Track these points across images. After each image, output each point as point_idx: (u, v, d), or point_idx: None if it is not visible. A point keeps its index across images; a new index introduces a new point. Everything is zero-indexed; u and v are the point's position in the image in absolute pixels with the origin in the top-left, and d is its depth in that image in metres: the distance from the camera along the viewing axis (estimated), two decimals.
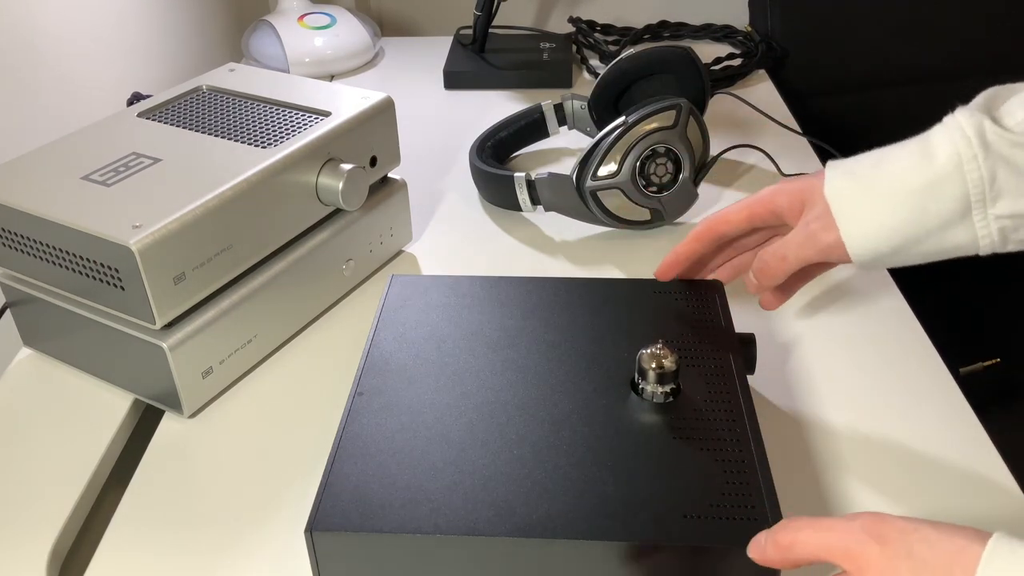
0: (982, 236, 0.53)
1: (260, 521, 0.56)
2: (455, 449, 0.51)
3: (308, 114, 0.71)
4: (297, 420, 0.64)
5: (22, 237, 0.61)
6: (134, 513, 0.57)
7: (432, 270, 0.80)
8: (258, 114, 0.71)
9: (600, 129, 0.81)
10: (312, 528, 0.47)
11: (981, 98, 0.55)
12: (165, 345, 0.60)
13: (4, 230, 0.62)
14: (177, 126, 0.70)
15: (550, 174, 0.81)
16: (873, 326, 0.71)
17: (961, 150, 0.52)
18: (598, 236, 0.84)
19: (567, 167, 0.91)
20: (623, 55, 0.89)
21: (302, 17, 1.19)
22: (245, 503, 0.58)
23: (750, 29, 1.28)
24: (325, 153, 0.69)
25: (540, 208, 0.84)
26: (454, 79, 1.16)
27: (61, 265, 0.60)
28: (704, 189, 0.88)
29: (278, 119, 0.70)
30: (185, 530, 0.56)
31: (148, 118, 0.71)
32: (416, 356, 0.58)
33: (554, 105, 0.96)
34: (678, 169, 0.79)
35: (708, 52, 1.17)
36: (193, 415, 0.64)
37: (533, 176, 0.82)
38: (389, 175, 0.78)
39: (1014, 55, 1.18)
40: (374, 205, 0.76)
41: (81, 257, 0.59)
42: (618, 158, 0.77)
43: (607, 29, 1.29)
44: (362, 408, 0.54)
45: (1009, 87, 0.55)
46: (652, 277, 0.65)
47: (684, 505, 0.47)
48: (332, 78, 1.20)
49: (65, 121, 0.88)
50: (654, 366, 0.53)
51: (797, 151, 0.97)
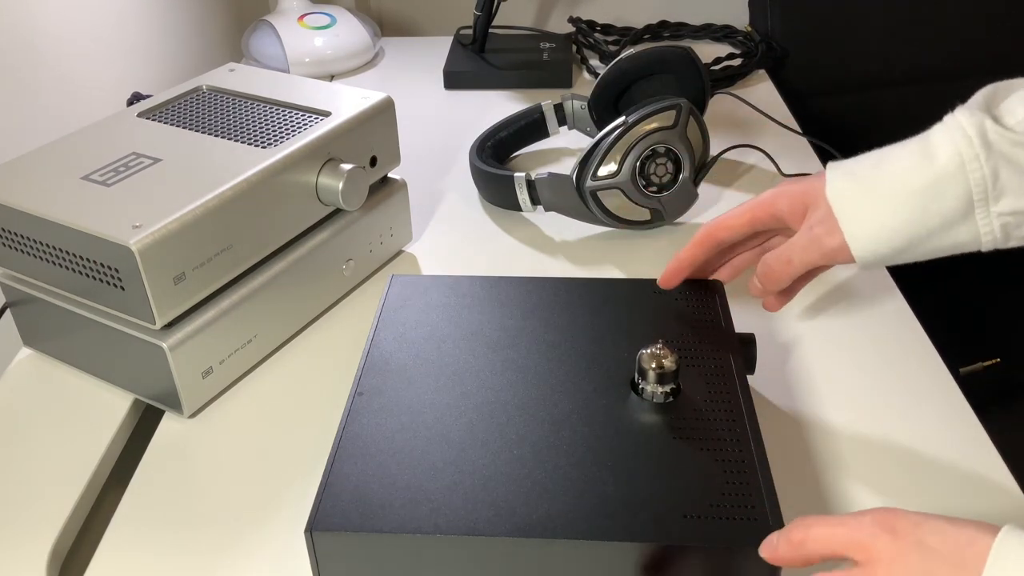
0: (984, 234, 0.53)
1: (260, 521, 0.56)
2: (455, 449, 0.51)
3: (308, 114, 0.71)
4: (297, 420, 0.64)
5: (22, 237, 0.61)
6: (134, 513, 0.57)
7: (432, 270, 0.80)
8: (258, 114, 0.71)
9: (600, 129, 0.81)
10: (312, 528, 0.47)
11: (980, 96, 0.55)
12: (165, 345, 0.60)
13: (4, 230, 0.62)
14: (177, 126, 0.70)
15: (550, 174, 0.81)
16: (873, 326, 0.71)
17: (963, 150, 0.52)
18: (598, 236, 0.84)
19: (567, 167, 0.91)
20: (623, 55, 0.89)
21: (302, 17, 1.19)
22: (245, 503, 0.58)
23: (750, 29, 1.28)
24: (325, 153, 0.69)
25: (540, 208, 0.84)
26: (454, 79, 1.16)
27: (61, 265, 0.60)
28: (704, 189, 0.88)
29: (278, 119, 0.70)
30: (185, 530, 0.56)
31: (148, 118, 0.71)
32: (416, 356, 0.58)
33: (554, 105, 0.96)
34: (678, 169, 0.79)
35: (708, 52, 1.17)
36: (193, 415, 0.64)
37: (533, 176, 0.82)
38: (389, 175, 0.78)
39: (1014, 55, 1.18)
40: (374, 205, 0.76)
41: (81, 257, 0.59)
42: (618, 158, 0.77)
43: (607, 29, 1.29)
44: (362, 408, 0.54)
45: (1007, 84, 0.55)
46: (652, 277, 0.65)
47: (684, 505, 0.47)
48: (332, 78, 1.20)
49: (65, 121, 0.88)
50: (654, 366, 0.53)
51: (797, 151, 0.97)
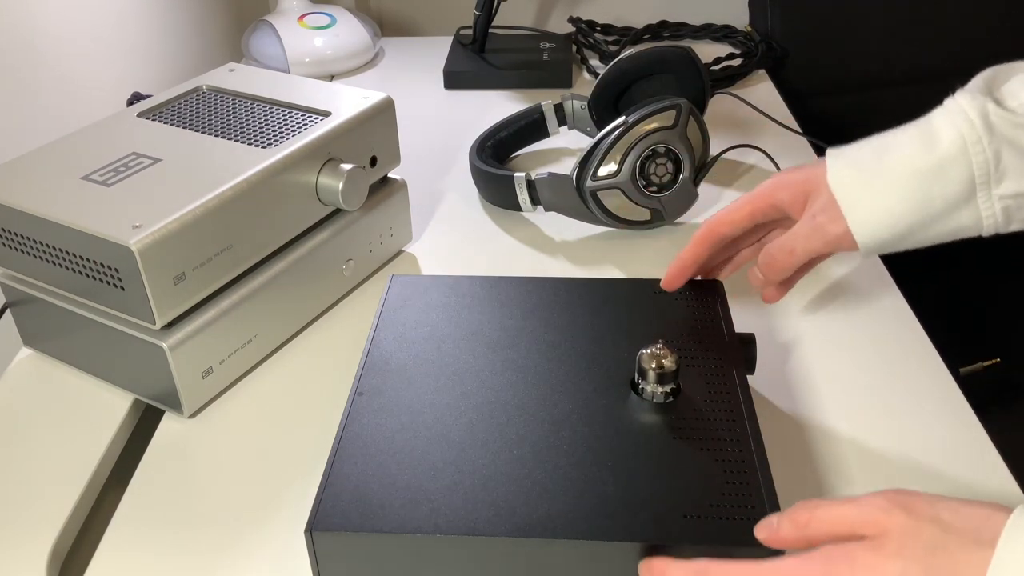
0: (986, 217, 0.53)
1: (260, 521, 0.56)
2: (455, 449, 0.51)
3: (308, 114, 0.71)
4: (297, 420, 0.64)
5: (22, 237, 0.61)
6: (134, 513, 0.57)
7: (432, 270, 0.80)
8: (258, 114, 0.71)
9: (600, 129, 0.81)
10: (312, 528, 0.47)
11: (980, 79, 0.55)
12: (165, 345, 0.60)
13: (4, 230, 0.62)
14: (177, 126, 0.70)
15: (550, 174, 0.81)
16: (873, 326, 0.71)
17: (965, 133, 0.52)
18: (598, 236, 0.84)
19: (567, 167, 0.91)
20: (623, 55, 0.89)
21: (302, 17, 1.19)
22: (245, 503, 0.58)
23: (750, 29, 1.28)
24: (325, 153, 0.69)
25: (540, 208, 0.84)
26: (454, 79, 1.16)
27: (61, 265, 0.60)
28: (704, 189, 0.88)
29: (278, 119, 0.70)
30: (185, 530, 0.56)
31: (148, 118, 0.71)
32: (416, 356, 0.58)
33: (554, 105, 0.96)
34: (678, 169, 0.79)
35: (708, 52, 1.17)
36: (193, 415, 0.64)
37: (533, 176, 0.82)
38: (389, 175, 0.78)
39: (1014, 55, 1.18)
40: (374, 205, 0.76)
41: (81, 257, 0.59)
42: (618, 158, 0.77)
43: (607, 29, 1.29)
44: (362, 408, 0.54)
45: (1007, 67, 0.55)
46: (652, 277, 0.65)
47: (684, 505, 0.47)
48: (332, 78, 1.20)
49: (65, 121, 0.88)
50: (654, 366, 0.53)
51: (797, 151, 0.97)
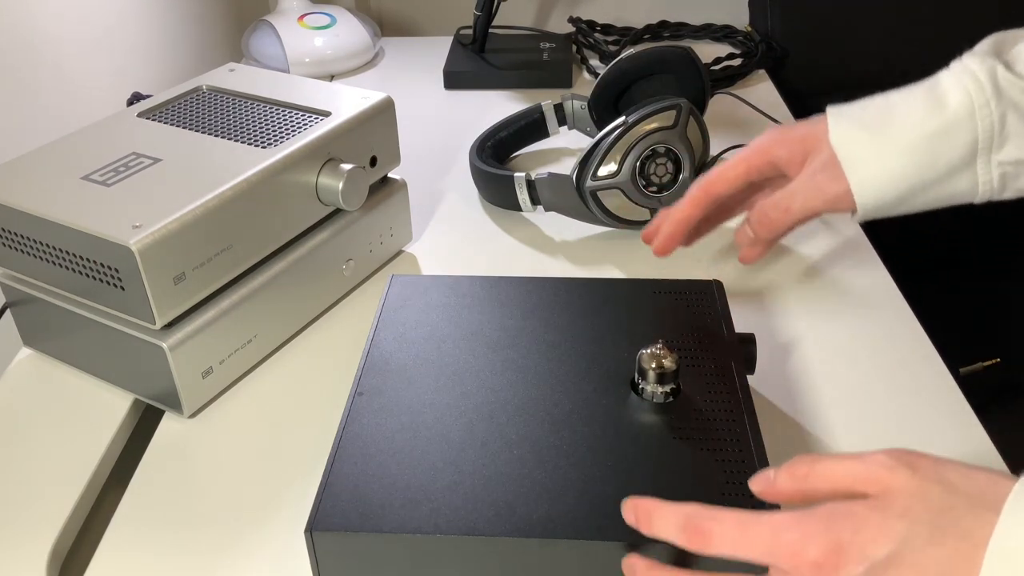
0: (983, 183, 0.53)
1: (260, 521, 0.56)
2: (455, 449, 0.51)
3: (308, 114, 0.71)
4: (297, 420, 0.64)
5: (22, 237, 0.61)
6: (134, 513, 0.57)
7: (432, 270, 0.80)
8: (258, 114, 0.71)
9: (600, 129, 0.81)
10: (312, 528, 0.47)
11: (988, 42, 0.54)
12: (165, 345, 0.60)
13: (4, 230, 0.62)
14: (177, 126, 0.70)
15: (550, 174, 0.81)
16: (873, 326, 0.71)
17: (974, 95, 0.51)
18: (598, 236, 0.84)
19: (567, 167, 0.91)
20: (623, 55, 0.89)
21: (302, 17, 1.19)
22: (245, 503, 0.58)
23: (750, 29, 1.28)
24: (325, 153, 0.69)
25: (540, 208, 0.84)
26: (454, 79, 1.16)
27: (61, 265, 0.60)
28: None
29: (278, 119, 0.70)
30: (185, 530, 0.56)
31: (148, 118, 0.71)
32: (416, 356, 0.58)
33: (554, 105, 0.96)
34: (678, 169, 0.79)
35: (708, 52, 1.17)
36: (193, 415, 0.64)
37: (533, 176, 0.82)
38: (389, 175, 0.78)
39: None
40: (374, 205, 0.76)
41: (81, 257, 0.59)
42: (618, 158, 0.77)
43: (607, 29, 1.29)
44: (362, 408, 0.54)
45: (1015, 32, 0.54)
46: (652, 277, 0.65)
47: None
48: (332, 78, 1.20)
49: (65, 121, 0.88)
50: (654, 366, 0.53)
51: None
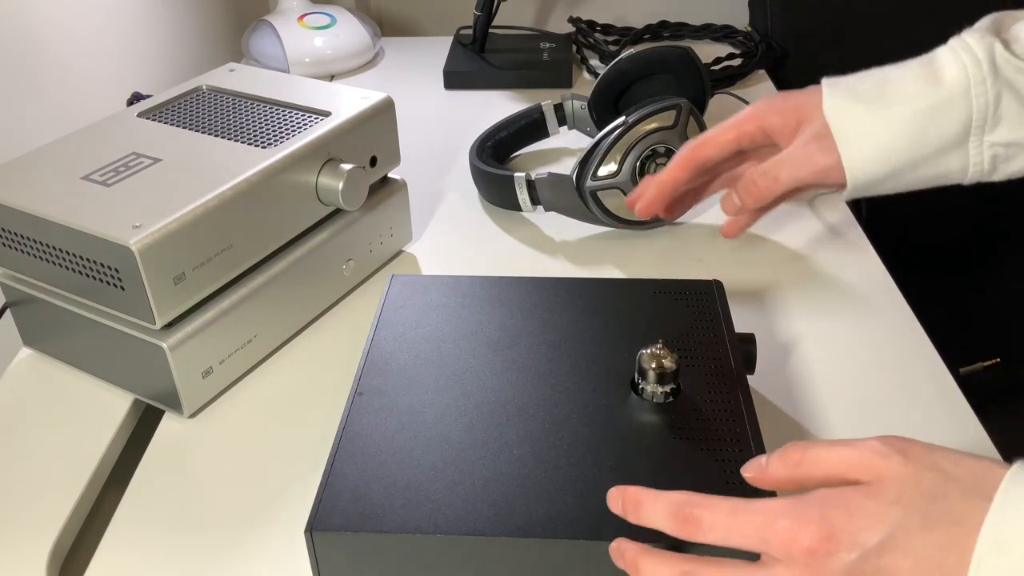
0: (974, 164, 0.52)
1: (260, 521, 0.56)
2: (455, 449, 0.51)
3: (308, 114, 0.71)
4: (297, 420, 0.64)
5: (22, 237, 0.61)
6: (134, 513, 0.57)
7: (432, 270, 0.80)
8: (258, 114, 0.71)
9: (600, 129, 0.81)
10: (312, 528, 0.47)
11: (987, 21, 0.54)
12: (165, 345, 0.60)
13: (4, 230, 0.62)
14: (177, 126, 0.70)
15: (550, 174, 0.81)
16: (873, 326, 0.71)
17: (971, 72, 0.51)
18: (598, 236, 0.84)
19: (567, 167, 0.91)
20: (623, 55, 0.89)
21: (302, 17, 1.19)
22: (245, 503, 0.58)
23: (750, 29, 1.28)
24: (325, 153, 0.69)
25: (540, 208, 0.84)
26: (454, 79, 1.16)
27: (61, 265, 0.60)
28: None
29: (278, 119, 0.70)
30: (185, 530, 0.56)
31: (148, 118, 0.71)
32: (416, 356, 0.58)
33: (554, 105, 0.96)
34: None
35: (708, 52, 1.17)
36: (193, 415, 0.64)
37: (533, 176, 0.82)
38: (389, 175, 0.78)
39: None
40: (374, 205, 0.76)
41: (81, 257, 0.59)
42: (618, 158, 0.77)
43: (607, 29, 1.29)
44: (362, 408, 0.54)
45: (1014, 13, 0.54)
46: (652, 277, 0.65)
47: None
48: (332, 78, 1.20)
49: (65, 121, 0.88)
50: (654, 366, 0.53)
51: None
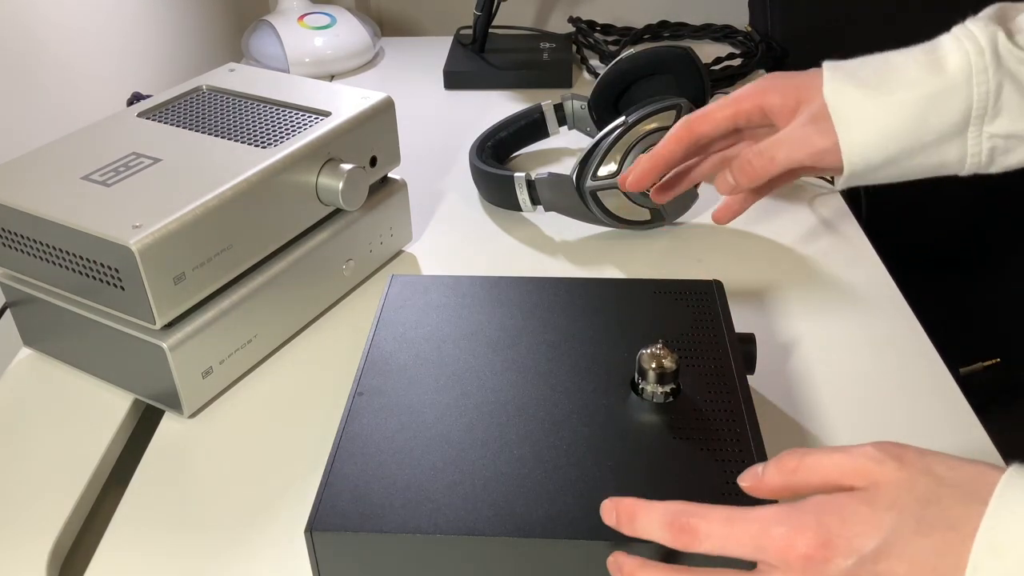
0: (972, 155, 0.52)
1: (260, 521, 0.56)
2: (455, 449, 0.51)
3: (308, 114, 0.71)
4: (297, 420, 0.64)
5: (22, 237, 0.61)
6: (134, 513, 0.57)
7: (432, 270, 0.80)
8: (258, 114, 0.71)
9: (600, 129, 0.81)
10: (312, 528, 0.47)
11: (991, 10, 0.54)
12: (165, 345, 0.60)
13: (4, 230, 0.62)
14: (177, 126, 0.70)
15: (550, 174, 0.81)
16: (873, 326, 0.71)
17: (973, 60, 0.51)
18: (598, 236, 0.84)
19: (567, 167, 0.91)
20: (623, 55, 0.89)
21: (302, 17, 1.19)
22: (245, 503, 0.58)
23: (750, 29, 1.28)
24: (325, 153, 0.69)
25: (540, 208, 0.84)
26: (454, 79, 1.16)
27: (61, 265, 0.60)
28: (704, 189, 0.88)
29: (278, 119, 0.70)
30: (185, 530, 0.56)
31: (148, 118, 0.71)
32: (416, 356, 0.58)
33: (554, 105, 0.96)
34: None
35: (708, 52, 1.17)
36: (193, 415, 0.64)
37: (533, 176, 0.82)
38: (389, 175, 0.78)
39: None
40: (374, 205, 0.76)
41: (81, 257, 0.59)
42: (618, 158, 0.77)
43: (607, 29, 1.29)
44: (362, 408, 0.54)
45: (1017, 4, 0.54)
46: (652, 277, 0.65)
47: None
48: (332, 78, 1.20)
49: (65, 121, 0.88)
50: (654, 366, 0.53)
51: None
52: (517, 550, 0.46)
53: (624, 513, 0.43)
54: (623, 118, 0.78)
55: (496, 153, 0.93)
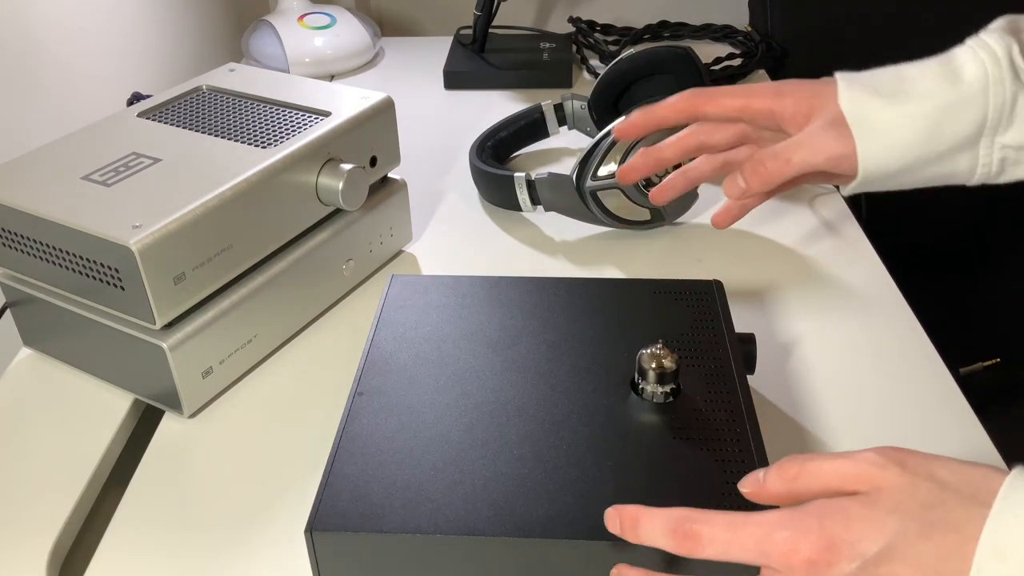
0: (983, 165, 0.52)
1: (260, 521, 0.56)
2: (455, 449, 0.51)
3: (308, 114, 0.71)
4: (297, 420, 0.64)
5: (22, 237, 0.61)
6: (134, 513, 0.57)
7: (432, 270, 0.80)
8: (258, 114, 0.71)
9: (600, 129, 0.81)
10: (312, 528, 0.47)
11: (1003, 22, 0.54)
12: (165, 345, 0.60)
13: (4, 230, 0.62)
14: (177, 126, 0.70)
15: (550, 174, 0.81)
16: (873, 326, 0.71)
17: (990, 70, 0.51)
18: (598, 236, 0.84)
19: (567, 167, 0.91)
20: (623, 55, 0.89)
21: (302, 17, 1.19)
22: (245, 503, 0.58)
23: (750, 29, 1.28)
24: (325, 153, 0.69)
25: (540, 208, 0.84)
26: (454, 79, 1.16)
27: (61, 265, 0.60)
28: (704, 189, 0.88)
29: (278, 119, 0.70)
30: (185, 530, 0.56)
31: (148, 118, 0.71)
32: (416, 356, 0.58)
33: (554, 105, 0.96)
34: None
35: (708, 52, 1.17)
36: (193, 415, 0.64)
37: (533, 176, 0.82)
38: (389, 175, 0.78)
39: None
40: (374, 205, 0.76)
41: (81, 257, 0.59)
42: (618, 158, 0.77)
43: (607, 29, 1.29)
44: (362, 408, 0.54)
45: None
46: (652, 277, 0.65)
47: (684, 505, 0.47)
48: (332, 78, 1.20)
49: (65, 121, 0.88)
50: (654, 366, 0.53)
51: None
52: (517, 550, 0.46)
53: (627, 520, 0.43)
54: (623, 118, 0.78)
55: (496, 153, 0.93)
